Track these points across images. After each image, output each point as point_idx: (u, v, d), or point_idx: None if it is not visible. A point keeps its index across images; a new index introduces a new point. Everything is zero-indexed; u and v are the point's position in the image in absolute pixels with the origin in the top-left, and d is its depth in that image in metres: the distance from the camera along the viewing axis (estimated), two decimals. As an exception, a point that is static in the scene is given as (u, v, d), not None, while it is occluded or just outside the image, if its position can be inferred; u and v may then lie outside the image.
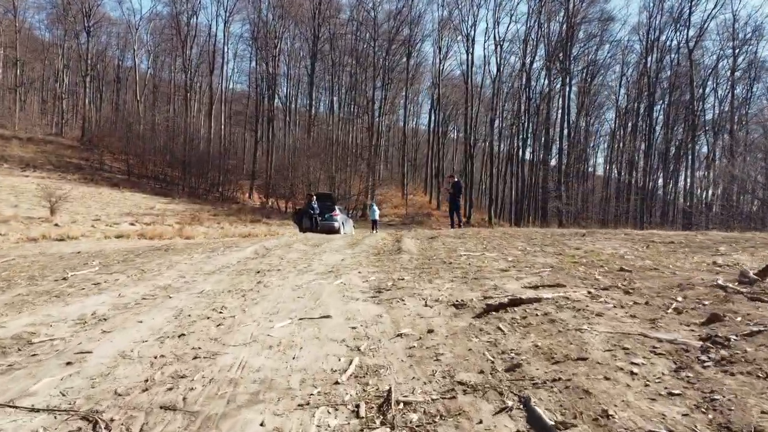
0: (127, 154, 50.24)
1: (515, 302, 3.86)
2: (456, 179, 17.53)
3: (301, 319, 4.16)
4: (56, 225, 28.43)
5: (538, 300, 3.92)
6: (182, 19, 55.50)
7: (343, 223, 23.59)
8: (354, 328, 3.86)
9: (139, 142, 50.15)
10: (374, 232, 27.18)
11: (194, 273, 7.20)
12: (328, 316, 4.18)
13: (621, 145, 57.95)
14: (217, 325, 4.10)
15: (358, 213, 47.88)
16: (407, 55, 57.35)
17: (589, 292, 4.23)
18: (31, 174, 42.60)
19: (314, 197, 21.89)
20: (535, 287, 4.68)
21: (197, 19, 56.95)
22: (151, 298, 5.41)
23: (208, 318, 4.35)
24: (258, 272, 6.98)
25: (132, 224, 30.81)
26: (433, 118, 62.75)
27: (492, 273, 5.80)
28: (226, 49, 59.30)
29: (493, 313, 3.80)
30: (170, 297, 5.39)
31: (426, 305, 4.37)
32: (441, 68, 59.54)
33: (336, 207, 23.67)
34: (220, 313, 4.53)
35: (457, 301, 4.37)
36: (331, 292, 5.26)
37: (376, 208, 30.20)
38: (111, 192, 41.77)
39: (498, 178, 60.27)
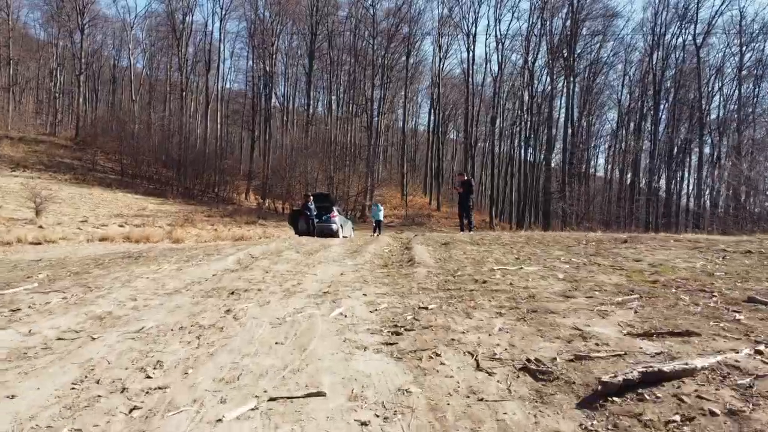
0: (121, 154, 48.49)
1: (653, 378, 2.14)
2: (466, 177, 15.81)
3: (273, 399, 2.43)
4: (40, 227, 26.68)
5: (689, 373, 2.19)
6: (177, 16, 53.69)
7: (341, 225, 21.87)
8: (365, 425, 2.13)
9: (133, 142, 48.31)
10: (375, 234, 25.26)
11: (151, 293, 5.47)
12: (319, 393, 2.46)
13: (623, 145, 56.32)
14: (130, 410, 2.38)
15: (356, 214, 46.16)
16: (407, 53, 55.62)
17: (758, 351, 2.51)
18: (21, 174, 40.81)
19: (311, 198, 20.13)
20: (648, 335, 2.95)
21: (192, 16, 55.00)
22: (67, 340, 3.70)
23: (124, 390, 2.63)
24: (232, 293, 5.26)
25: (121, 226, 29.05)
26: (432, 117, 61.10)
27: (552, 300, 4.08)
28: (222, 48, 57.55)
29: (615, 400, 2.09)
30: (93, 338, 3.67)
31: (479, 368, 2.66)
32: (441, 67, 57.91)
33: (334, 208, 21.94)
34: (149, 377, 2.81)
35: (529, 360, 2.66)
36: (326, 334, 3.54)
37: (380, 207, 28.03)
38: (103, 192, 40.01)
39: (499, 179, 58.58)
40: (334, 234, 21.20)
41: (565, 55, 43.78)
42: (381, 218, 27.14)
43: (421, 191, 63.87)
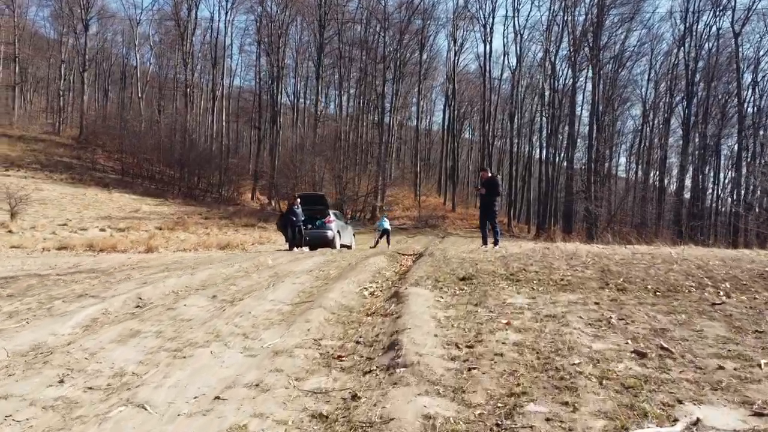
0: (122, 153, 45.18)
1: None
2: (490, 174, 11.86)
3: None
4: (9, 231, 23.33)
5: None
6: (182, 10, 50.21)
7: (338, 232, 18.01)
8: None
9: (135, 141, 44.96)
10: (377, 243, 21.55)
11: None
12: None
13: (647, 143, 51.86)
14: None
15: (366, 215, 42.35)
16: (420, 47, 51.56)
17: None
18: (14, 174, 37.68)
19: (298, 200, 16.28)
20: None
21: (197, 11, 51.44)
22: None
23: None
24: None
25: (102, 230, 25.62)
26: (447, 114, 56.93)
27: None
28: (228, 42, 53.97)
29: None
30: None
31: None
32: (456, 62, 53.67)
33: (330, 212, 18.10)
34: None
35: None
36: None
37: (386, 219, 24.55)
38: (97, 193, 36.70)
39: (517, 179, 54.42)
40: (329, 243, 17.40)
41: (590, 43, 39.36)
42: (388, 227, 23.33)
43: (435, 191, 59.90)
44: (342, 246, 18.80)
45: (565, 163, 47.07)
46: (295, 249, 15.42)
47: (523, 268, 6.19)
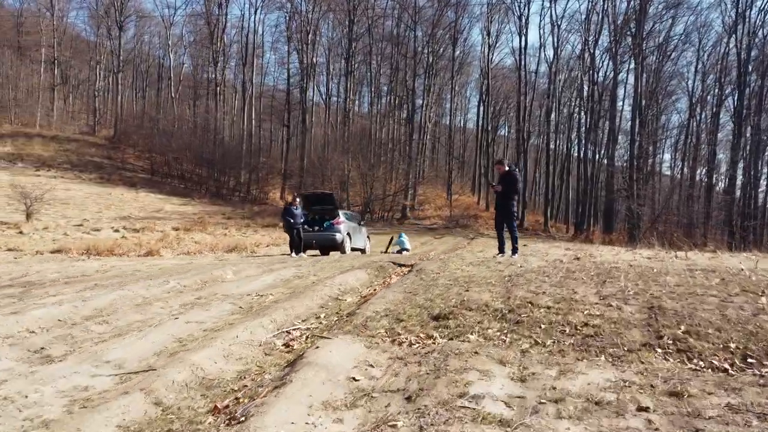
0: (152, 153, 44.54)
1: None
2: (508, 168, 9.73)
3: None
4: (20, 232, 22.42)
5: None
6: (212, 7, 49.23)
7: (348, 234, 16.14)
8: None
9: (164, 140, 44.23)
10: (388, 251, 19.27)
11: None
12: None
13: (693, 138, 48.20)
14: None
15: (393, 215, 40.40)
16: (452, 42, 49.18)
17: None
18: (44, 173, 37.36)
19: (297, 200, 14.46)
20: None
21: (227, 7, 50.32)
22: None
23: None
24: None
25: (116, 231, 24.53)
26: (481, 110, 54.25)
27: None
28: (257, 40, 52.83)
29: None
30: None
31: None
32: (490, 56, 51.10)
33: (340, 212, 16.24)
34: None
35: None
36: None
37: (404, 237, 20.82)
38: (123, 192, 35.95)
39: (554, 177, 51.55)
40: (338, 247, 15.61)
41: (633, 32, 36.25)
42: (408, 247, 19.83)
43: (469, 190, 57.47)
44: (354, 249, 16.96)
45: (605, 161, 44.06)
46: (293, 255, 13.68)
47: (530, 300, 4.20)
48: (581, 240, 32.26)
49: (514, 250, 9.10)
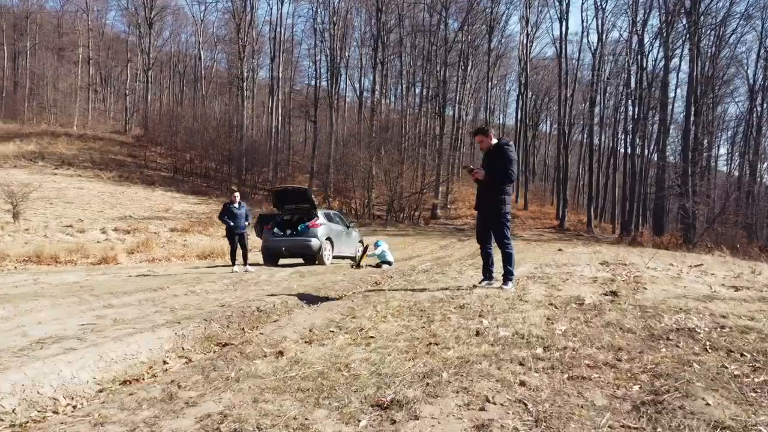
0: (175, 150, 42.64)
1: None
2: (495, 141, 5.79)
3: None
4: (-3, 234, 20.26)
5: None
6: (238, 2, 46.93)
7: (330, 240, 12.84)
8: None
9: (189, 138, 42.27)
10: (361, 265, 12.53)
11: None
12: None
13: (753, 131, 42.75)
14: None
15: (422, 214, 36.92)
16: (488, 31, 45.23)
17: None
18: (62, 172, 35.90)
19: (237, 195, 11.19)
20: None
21: (254, 1, 48.07)
22: None
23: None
24: None
25: (103, 232, 22.02)
26: (520, 104, 50.00)
27: None
28: (286, 34, 50.30)
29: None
30: None
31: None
32: (529, 47, 46.85)
33: (319, 213, 12.99)
34: None
35: None
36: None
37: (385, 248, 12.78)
38: (138, 191, 33.98)
39: (599, 173, 47.01)
40: (314, 255, 12.38)
41: (687, 8, 31.43)
42: (391, 260, 12.34)
43: (507, 188, 53.23)
44: (340, 258, 13.69)
45: (655, 155, 39.32)
46: (236, 268, 10.56)
47: None
48: (627, 242, 27.99)
49: (507, 277, 5.59)
